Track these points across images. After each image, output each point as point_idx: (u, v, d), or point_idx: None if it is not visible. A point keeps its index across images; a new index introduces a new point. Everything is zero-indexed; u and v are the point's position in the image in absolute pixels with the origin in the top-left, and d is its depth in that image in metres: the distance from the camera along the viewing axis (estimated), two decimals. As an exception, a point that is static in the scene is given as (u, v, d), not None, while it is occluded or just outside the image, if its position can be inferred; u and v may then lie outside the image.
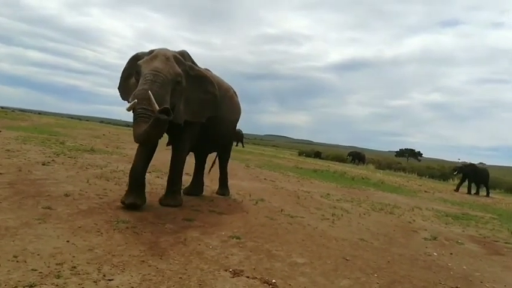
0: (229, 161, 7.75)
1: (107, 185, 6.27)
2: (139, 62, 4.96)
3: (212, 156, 7.51)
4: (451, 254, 5.39)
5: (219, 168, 7.46)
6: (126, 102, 5.20)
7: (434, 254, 5.25)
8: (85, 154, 9.89)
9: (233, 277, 3.26)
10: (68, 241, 3.47)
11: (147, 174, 7.95)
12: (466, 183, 19.17)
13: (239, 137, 34.37)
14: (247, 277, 3.31)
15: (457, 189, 18.75)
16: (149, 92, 4.40)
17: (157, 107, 4.33)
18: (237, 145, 33.75)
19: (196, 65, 5.77)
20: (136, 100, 4.48)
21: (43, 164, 7.29)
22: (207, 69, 6.22)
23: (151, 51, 5.12)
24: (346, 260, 4.31)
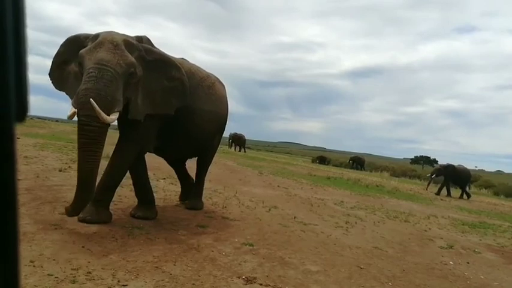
0: (243, 168, 7.71)
1: (121, 192, 6.33)
2: (81, 52, 4.02)
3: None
4: (468, 263, 5.28)
5: (195, 175, 6.29)
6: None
7: (451, 263, 5.15)
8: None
9: (246, 284, 3.26)
10: (83, 246, 3.52)
11: (161, 180, 8.10)
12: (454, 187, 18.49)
13: (241, 141, 34.56)
14: (260, 284, 3.30)
15: (447, 193, 18.04)
16: (91, 100, 3.66)
17: (105, 116, 3.75)
18: (240, 150, 33.84)
19: (155, 48, 4.79)
20: (77, 106, 3.80)
21: (60, 171, 7.43)
22: (183, 59, 5.51)
23: (97, 36, 4.19)
24: (360, 268, 4.26)
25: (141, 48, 4.42)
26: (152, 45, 4.77)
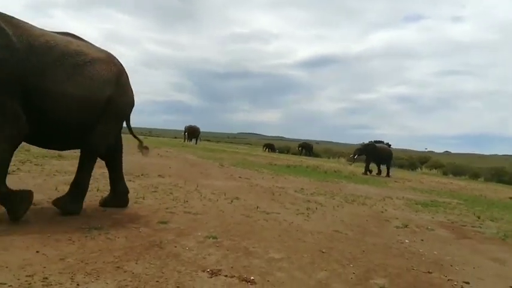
0: (203, 161, 7.65)
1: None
2: None
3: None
4: (422, 240, 5.59)
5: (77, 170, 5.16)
6: None
7: (406, 241, 5.43)
8: (52, 160, 9.56)
9: (211, 277, 3.25)
10: (37, 251, 3.34)
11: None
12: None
13: (196, 134, 34.43)
14: (226, 276, 3.31)
15: (366, 170, 18.63)
16: None
17: None
18: (196, 142, 33.65)
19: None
20: None
21: (8, 173, 6.98)
22: (67, 33, 4.91)
23: None
24: (323, 252, 4.38)
25: None
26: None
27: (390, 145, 21.20)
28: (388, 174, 18.60)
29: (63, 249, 3.48)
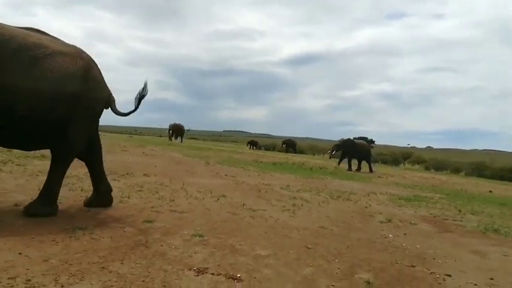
0: (189, 159, 7.61)
1: (60, 192, 5.99)
2: None
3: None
4: (405, 234, 5.70)
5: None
6: None
7: (390, 235, 5.53)
8: (35, 161, 9.36)
9: (198, 275, 3.25)
10: (20, 253, 3.29)
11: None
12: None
13: (181, 132, 34.00)
14: (212, 274, 3.31)
15: (348, 167, 18.85)
16: None
17: None
18: (181, 141, 33.33)
19: None
20: None
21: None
22: (32, 28, 4.74)
23: None
24: (308, 248, 4.43)
25: None
26: None
27: (374, 141, 21.57)
28: (370, 170, 18.81)
29: (46, 250, 3.43)
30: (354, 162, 19.10)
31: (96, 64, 5.08)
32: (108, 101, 5.25)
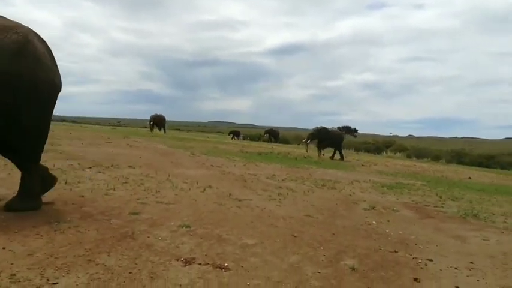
0: (174, 150, 7.55)
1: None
2: None
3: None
4: (388, 221, 5.83)
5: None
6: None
7: (374, 222, 5.64)
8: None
9: (185, 266, 3.27)
10: (4, 248, 3.24)
11: (87, 169, 7.64)
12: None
13: (163, 123, 33.38)
14: (200, 264, 3.34)
15: (318, 153, 19.14)
16: None
17: None
18: (165, 131, 32.83)
19: None
20: None
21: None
22: None
23: None
24: (294, 236, 4.49)
25: None
26: None
27: (357, 130, 21.79)
28: (341, 158, 18.98)
29: (31, 244, 3.39)
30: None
31: (41, 41, 4.48)
32: (59, 86, 4.69)
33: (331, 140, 19.24)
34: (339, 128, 20.52)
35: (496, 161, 30.39)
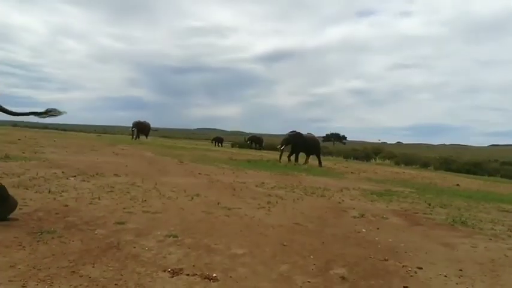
0: (161, 158, 7.48)
1: (26, 194, 5.75)
2: None
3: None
4: (378, 228, 5.82)
5: None
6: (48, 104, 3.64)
7: (363, 230, 5.63)
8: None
9: (172, 277, 3.20)
10: (-17, 260, 3.13)
11: (71, 178, 7.50)
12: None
13: (147, 130, 31.86)
14: (187, 275, 3.26)
15: (295, 160, 18.91)
16: None
17: None
18: (147, 137, 31.79)
19: None
20: None
21: None
22: None
23: None
24: (284, 245, 4.44)
25: None
26: None
27: (346, 137, 21.86)
28: (320, 164, 18.97)
29: (13, 256, 3.28)
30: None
31: None
32: None
33: (306, 145, 19.16)
34: (327, 135, 20.54)
35: (483, 167, 30.83)
